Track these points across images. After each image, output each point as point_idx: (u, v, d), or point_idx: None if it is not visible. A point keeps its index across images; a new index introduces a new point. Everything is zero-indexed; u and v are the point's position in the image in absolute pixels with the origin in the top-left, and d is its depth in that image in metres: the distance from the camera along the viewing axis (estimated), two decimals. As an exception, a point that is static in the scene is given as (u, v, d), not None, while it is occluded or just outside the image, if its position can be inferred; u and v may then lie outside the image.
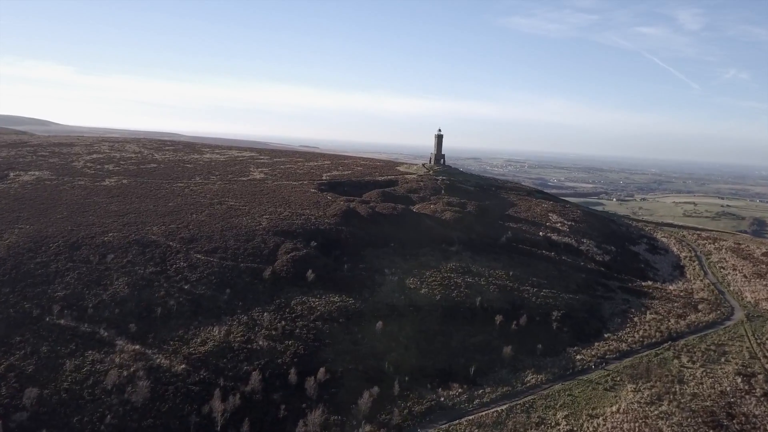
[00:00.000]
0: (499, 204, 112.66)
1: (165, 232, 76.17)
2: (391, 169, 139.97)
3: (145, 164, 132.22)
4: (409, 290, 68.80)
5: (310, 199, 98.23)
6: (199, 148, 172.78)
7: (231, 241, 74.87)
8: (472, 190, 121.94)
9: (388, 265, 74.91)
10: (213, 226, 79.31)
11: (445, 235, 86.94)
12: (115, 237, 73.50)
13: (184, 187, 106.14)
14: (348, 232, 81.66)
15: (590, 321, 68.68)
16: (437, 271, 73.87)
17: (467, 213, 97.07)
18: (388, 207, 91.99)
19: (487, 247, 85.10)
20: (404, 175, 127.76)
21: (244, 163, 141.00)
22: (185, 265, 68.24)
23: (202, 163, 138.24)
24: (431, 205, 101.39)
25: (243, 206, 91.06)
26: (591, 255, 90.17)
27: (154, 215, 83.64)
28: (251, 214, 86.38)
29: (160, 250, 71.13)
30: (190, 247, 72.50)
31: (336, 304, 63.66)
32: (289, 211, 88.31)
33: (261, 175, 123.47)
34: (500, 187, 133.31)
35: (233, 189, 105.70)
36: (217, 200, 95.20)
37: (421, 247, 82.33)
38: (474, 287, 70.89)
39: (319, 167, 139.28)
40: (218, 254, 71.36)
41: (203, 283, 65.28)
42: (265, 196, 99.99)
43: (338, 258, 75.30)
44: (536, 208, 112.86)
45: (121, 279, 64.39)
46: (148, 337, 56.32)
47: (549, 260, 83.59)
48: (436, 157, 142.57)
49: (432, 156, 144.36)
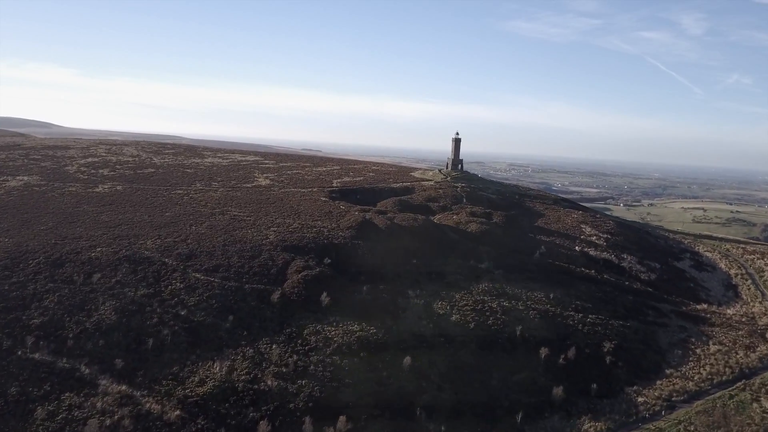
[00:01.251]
0: (525, 214, 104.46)
1: (160, 247, 68.18)
2: (405, 175, 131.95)
3: (143, 169, 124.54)
4: (438, 317, 60.55)
5: (321, 209, 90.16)
6: (201, 151, 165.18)
7: (234, 258, 66.83)
8: (495, 199, 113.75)
9: (411, 285, 66.72)
10: (214, 240, 71.29)
11: (472, 251, 78.73)
12: (104, 252, 65.50)
13: (183, 194, 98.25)
14: (365, 247, 73.54)
15: (647, 353, 60.29)
16: (468, 294, 65.60)
17: (494, 225, 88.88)
18: (408, 218, 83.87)
19: (520, 265, 76.82)
20: (420, 182, 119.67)
21: (248, 168, 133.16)
22: (182, 287, 60.17)
23: (204, 167, 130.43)
24: (453, 215, 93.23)
25: (247, 217, 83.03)
26: (635, 273, 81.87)
27: (149, 227, 75.68)
28: (257, 225, 78.34)
29: (154, 268, 63.11)
30: (188, 265, 64.45)
31: (355, 333, 55.42)
32: (298, 223, 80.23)
33: (266, 182, 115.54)
34: (523, 195, 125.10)
35: (237, 197, 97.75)
36: (218, 210, 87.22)
37: (447, 265, 74.12)
38: (512, 313, 62.61)
39: (329, 173, 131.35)
40: (220, 273, 63.29)
41: (202, 309, 57.17)
42: (272, 205, 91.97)
43: (355, 277, 67.15)
44: (566, 219, 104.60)
45: (107, 303, 56.34)
46: (137, 375, 48.25)
47: (590, 280, 75.28)
48: (453, 162, 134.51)
49: (449, 161, 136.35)
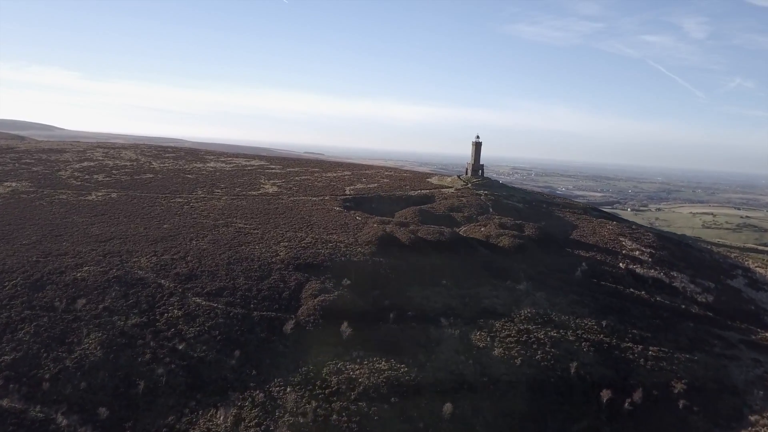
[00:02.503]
0: (557, 225, 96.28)
1: (156, 266, 60.26)
2: (421, 181, 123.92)
3: (141, 174, 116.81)
4: (479, 351, 52.39)
5: (335, 220, 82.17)
6: (203, 155, 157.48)
7: (240, 279, 58.87)
8: (522, 208, 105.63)
9: (443, 311, 58.65)
10: (217, 258, 63.35)
11: (507, 268, 70.63)
12: (92, 273, 57.60)
13: (183, 203, 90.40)
14: (388, 265, 65.51)
15: (723, 395, 52.08)
16: (509, 322, 57.46)
17: (527, 238, 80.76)
18: (433, 231, 75.78)
19: (563, 285, 68.69)
20: (440, 189, 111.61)
21: (253, 174, 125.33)
22: (180, 315, 52.19)
23: (206, 173, 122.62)
24: (481, 227, 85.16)
25: (254, 229, 75.07)
26: (690, 294, 73.64)
27: (144, 241, 67.80)
28: (265, 240, 70.36)
29: (149, 291, 55.18)
30: (188, 288, 56.48)
31: (384, 373, 47.31)
32: (311, 237, 72.23)
33: (274, 189, 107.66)
34: (550, 203, 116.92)
35: (242, 206, 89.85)
36: (222, 221, 79.31)
37: (481, 285, 66.03)
38: (562, 345, 54.43)
39: (340, 179, 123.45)
40: (224, 298, 55.32)
41: (203, 342, 49.19)
42: (281, 215, 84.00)
43: (378, 301, 59.13)
44: (602, 231, 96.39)
45: (93, 335, 48.42)
46: (125, 428, 40.38)
47: (643, 303, 67.10)
48: (473, 167, 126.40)
49: (468, 166, 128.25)
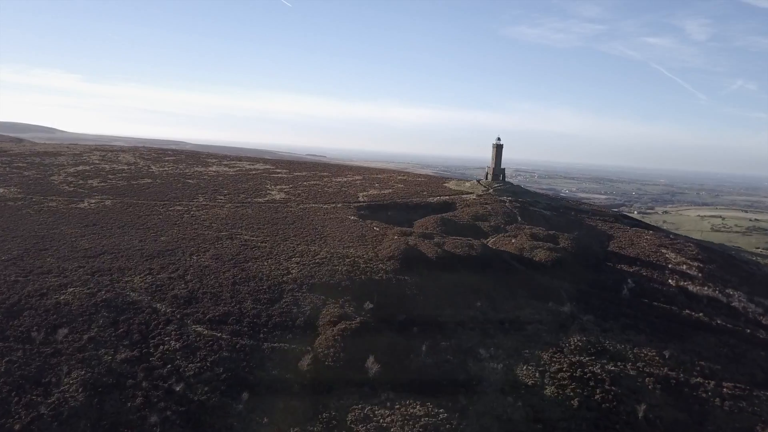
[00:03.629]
0: (592, 236, 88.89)
1: (151, 287, 53.07)
2: (438, 186, 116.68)
3: (138, 179, 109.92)
4: (528, 390, 45.01)
5: (351, 231, 74.91)
6: (204, 158, 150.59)
7: (248, 302, 51.65)
8: (550, 216, 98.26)
9: (481, 340, 51.31)
10: (221, 276, 56.14)
11: (546, 287, 63.33)
12: (77, 295, 50.45)
13: (183, 211, 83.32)
14: (414, 285, 58.22)
15: (817, 443, 44.65)
16: (559, 353, 50.06)
17: (564, 251, 73.38)
18: (461, 244, 68.44)
19: (610, 307, 61.32)
20: (460, 195, 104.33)
21: (258, 179, 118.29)
22: (178, 347, 44.95)
23: (208, 178, 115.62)
24: (512, 239, 77.81)
25: (262, 242, 67.86)
26: (752, 316, 66.05)
27: (139, 257, 60.65)
28: (274, 255, 63.13)
29: (142, 318, 48.00)
30: (187, 314, 49.26)
31: (420, 420, 39.92)
32: (326, 251, 64.97)
33: (281, 195, 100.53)
34: (578, 210, 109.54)
35: (247, 215, 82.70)
36: (226, 232, 72.18)
37: (520, 307, 58.72)
38: (623, 382, 47.02)
39: (351, 184, 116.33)
40: (229, 326, 48.08)
41: (206, 381, 41.92)
42: (291, 226, 76.77)
43: (406, 327, 51.86)
44: (640, 242, 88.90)
45: (75, 374, 41.21)
46: (108, 496, 33.23)
47: (704, 328, 59.62)
48: (494, 171, 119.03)
49: (489, 170, 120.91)
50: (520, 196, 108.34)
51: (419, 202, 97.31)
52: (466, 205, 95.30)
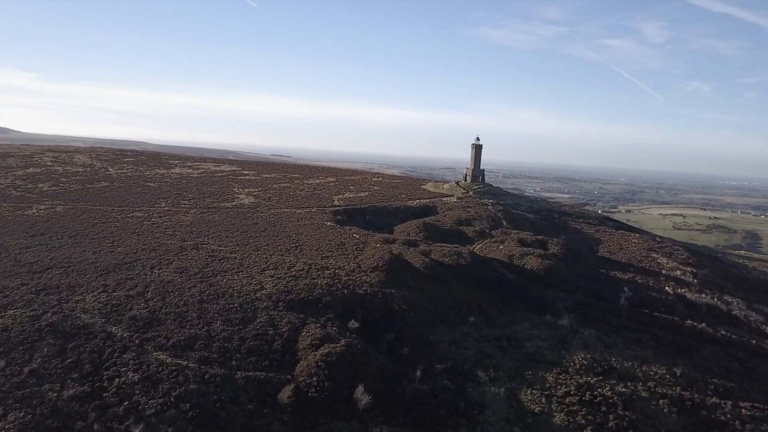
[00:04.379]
0: (579, 240, 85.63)
1: (105, 307, 46.98)
2: (416, 189, 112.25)
3: (94, 182, 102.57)
4: (535, 419, 40.59)
5: (328, 239, 69.67)
6: (167, 159, 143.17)
7: (217, 324, 46.03)
8: (533, 219, 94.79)
9: (478, 360, 46.78)
10: (186, 293, 50.33)
11: (541, 298, 59.30)
12: (18, 319, 44.07)
13: (143, 218, 76.82)
14: (401, 299, 53.37)
15: None
16: (564, 373, 45.86)
17: (555, 258, 69.60)
18: (450, 253, 63.92)
19: (610, 318, 57.64)
20: (440, 198, 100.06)
21: (224, 181, 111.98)
22: (137, 379, 39.12)
23: (170, 180, 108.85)
24: (499, 245, 73.72)
25: (231, 253, 62.11)
26: (755, 325, 63.20)
27: (92, 271, 54.34)
28: (246, 267, 57.50)
29: (95, 345, 41.97)
30: (147, 339, 43.39)
31: (419, 460, 35.23)
32: (303, 262, 59.59)
33: (250, 199, 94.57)
34: (561, 212, 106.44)
35: (214, 221, 76.67)
36: (191, 241, 66.18)
37: (516, 322, 54.50)
38: (636, 405, 43.07)
39: (324, 186, 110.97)
40: (196, 352, 42.42)
41: (169, 421, 36.23)
42: (262, 233, 71.09)
43: (395, 348, 47.07)
44: (629, 246, 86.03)
45: (12, 416, 35.06)
46: None
47: (710, 340, 56.34)
48: (473, 173, 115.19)
49: (468, 172, 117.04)
50: (501, 199, 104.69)
51: (399, 205, 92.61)
52: (448, 209, 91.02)
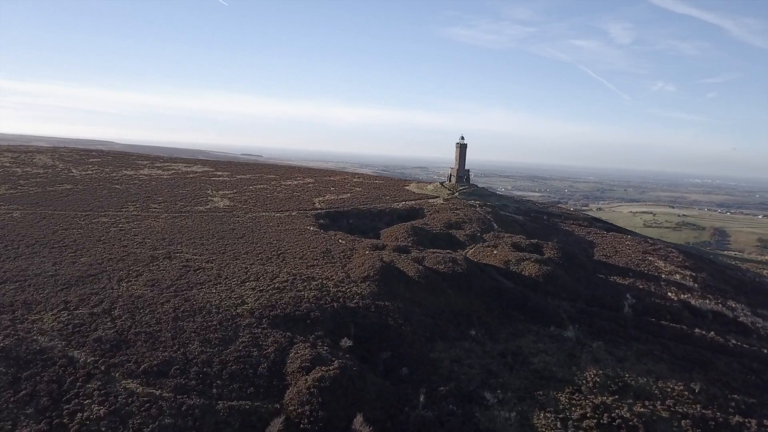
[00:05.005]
0: (572, 243, 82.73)
1: (67, 327, 41.86)
2: (400, 190, 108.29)
3: (56, 185, 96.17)
4: (552, 446, 36.99)
5: (313, 246, 65.16)
6: (134, 160, 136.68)
7: (194, 344, 41.29)
8: (522, 221, 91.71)
9: (484, 380, 42.97)
10: (159, 310, 45.42)
11: (543, 307, 55.85)
12: (-36, 343, 38.78)
13: (109, 224, 71.26)
14: (397, 312, 49.26)
15: None
16: (577, 392, 42.33)
17: (552, 263, 66.37)
18: (444, 260, 60.04)
19: (617, 328, 54.50)
20: (426, 200, 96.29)
21: (197, 183, 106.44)
22: (103, 413, 34.23)
23: (139, 182, 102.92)
24: (493, 249, 70.24)
25: (208, 263, 57.21)
26: (765, 332, 60.85)
27: (52, 285, 49.02)
28: (224, 279, 52.71)
29: (53, 373, 36.91)
30: (115, 364, 38.44)
31: (430, 502, 31.22)
32: (287, 272, 55.03)
33: (225, 202, 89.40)
34: (549, 214, 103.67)
35: (187, 227, 71.50)
36: (163, 250, 61.02)
37: (520, 335, 50.90)
38: (659, 428, 39.65)
39: (303, 188, 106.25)
40: (171, 379, 37.64)
41: (141, 463, 31.61)
42: (241, 240, 66.24)
43: (393, 368, 42.98)
44: (623, 248, 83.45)
45: (-48, 464, 30.14)
46: None
47: (721, 350, 53.58)
48: (458, 173, 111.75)
49: (452, 171, 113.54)
50: (487, 200, 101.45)
51: (384, 208, 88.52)
52: (436, 211, 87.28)
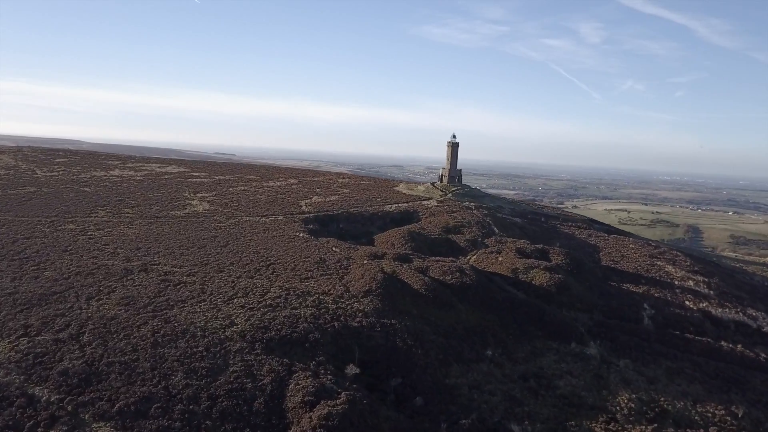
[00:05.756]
0: (576, 246, 78.81)
1: (26, 358, 36.01)
2: (388, 191, 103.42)
3: (18, 187, 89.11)
4: (597, 491, 32.52)
5: (305, 255, 59.82)
6: (104, 160, 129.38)
7: (178, 376, 35.79)
8: (521, 224, 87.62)
9: (508, 408, 38.33)
10: (135, 334, 39.75)
11: (560, 321, 51.52)
12: None
13: (77, 231, 64.99)
14: (405, 332, 44.30)
15: None
16: (612, 421, 37.91)
17: (562, 271, 62.19)
18: (450, 269, 55.25)
19: (641, 344, 50.39)
20: (420, 202, 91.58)
21: (172, 184, 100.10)
22: (69, 468, 28.75)
23: (109, 184, 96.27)
24: (497, 255, 65.82)
25: (189, 276, 51.54)
26: (791, 344, 57.80)
27: (10, 306, 42.94)
28: (209, 295, 47.15)
29: (8, 416, 31.09)
30: (84, 404, 32.77)
31: None
32: (279, 287, 49.69)
33: (205, 205, 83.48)
34: (545, 215, 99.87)
35: (164, 234, 65.57)
36: (138, 261, 55.12)
37: (540, 353, 46.45)
38: (708, 463, 35.65)
39: (287, 190, 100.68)
40: (152, 421, 32.14)
41: None
42: (224, 249, 60.60)
43: (405, 397, 38.08)
44: (628, 252, 79.85)
45: None
46: None
47: (753, 365, 49.80)
48: (450, 173, 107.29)
49: (443, 171, 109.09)
50: (482, 201, 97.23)
51: (375, 211, 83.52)
52: (431, 214, 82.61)
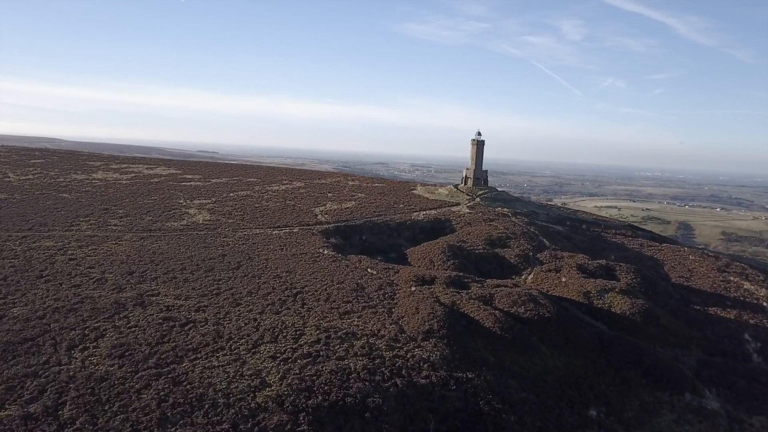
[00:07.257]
0: (634, 259, 69.26)
1: (-20, 451, 25.68)
2: (408, 195, 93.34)
3: (-15, 194, 77.87)
4: None
5: (337, 279, 49.44)
6: (86, 161, 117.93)
7: (197, 474, 25.60)
8: (565, 232, 78.09)
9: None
10: (135, 404, 29.26)
11: (663, 365, 41.84)
12: None
13: (54, 249, 54.15)
14: (488, 388, 34.20)
15: None
16: None
17: (640, 294, 52.67)
18: (522, 299, 45.05)
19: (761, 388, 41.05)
20: (449, 208, 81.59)
21: (164, 189, 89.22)
22: None
23: (92, 189, 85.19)
24: (556, 274, 56.15)
25: (198, 312, 41.07)
26: None
27: (-37, 362, 32.32)
28: (227, 340, 36.74)
29: None
30: None
31: None
32: (315, 326, 39.43)
33: (205, 215, 72.89)
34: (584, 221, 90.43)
35: (161, 253, 54.89)
36: (131, 290, 44.52)
37: (653, 411, 36.70)
38: None
39: (295, 194, 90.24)
40: None
41: None
42: (237, 272, 50.05)
43: (504, 488, 28.23)
44: (694, 266, 70.24)
45: None
46: None
47: None
48: (475, 174, 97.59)
49: (467, 172, 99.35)
50: (514, 207, 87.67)
51: (402, 219, 73.36)
52: (467, 223, 72.70)
